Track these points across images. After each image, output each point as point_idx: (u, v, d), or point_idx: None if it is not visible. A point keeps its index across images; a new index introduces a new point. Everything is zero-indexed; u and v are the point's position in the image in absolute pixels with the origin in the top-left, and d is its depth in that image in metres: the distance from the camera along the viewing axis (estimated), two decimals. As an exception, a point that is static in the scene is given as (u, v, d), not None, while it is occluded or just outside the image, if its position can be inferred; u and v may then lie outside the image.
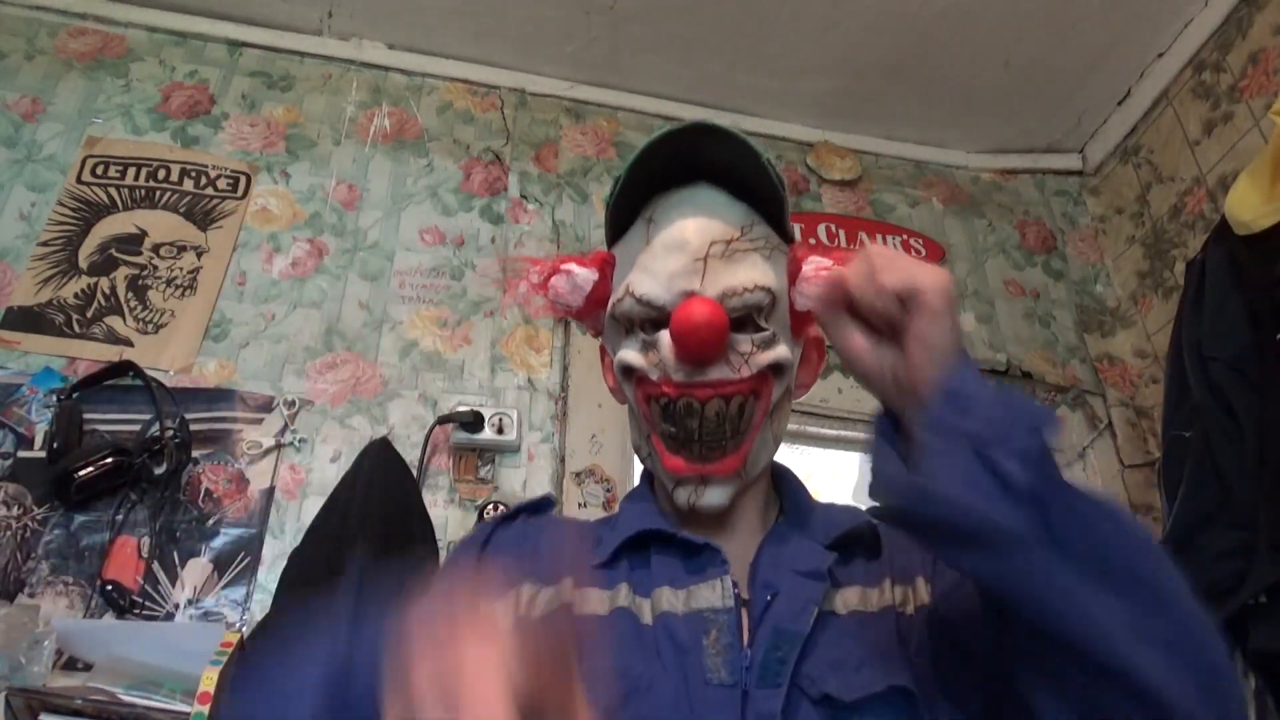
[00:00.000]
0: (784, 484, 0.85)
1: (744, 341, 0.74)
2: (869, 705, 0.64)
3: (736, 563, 0.75)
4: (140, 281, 1.77)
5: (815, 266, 0.78)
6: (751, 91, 2.33)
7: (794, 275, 0.79)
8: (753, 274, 0.75)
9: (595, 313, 0.84)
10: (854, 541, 0.77)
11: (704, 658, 0.66)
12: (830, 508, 0.83)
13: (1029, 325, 2.24)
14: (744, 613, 0.71)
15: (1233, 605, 1.45)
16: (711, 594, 0.70)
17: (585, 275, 0.82)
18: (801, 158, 2.37)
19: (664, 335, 0.74)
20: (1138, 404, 2.14)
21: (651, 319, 0.76)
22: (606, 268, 0.82)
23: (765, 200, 0.78)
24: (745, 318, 0.75)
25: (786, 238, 0.81)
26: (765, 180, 0.77)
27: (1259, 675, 1.48)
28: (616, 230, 0.82)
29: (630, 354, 0.77)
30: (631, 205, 0.80)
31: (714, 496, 0.75)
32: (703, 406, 0.73)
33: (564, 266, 0.82)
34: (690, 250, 0.75)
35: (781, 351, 0.76)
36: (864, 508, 0.83)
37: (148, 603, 1.45)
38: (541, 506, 0.86)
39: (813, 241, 2.20)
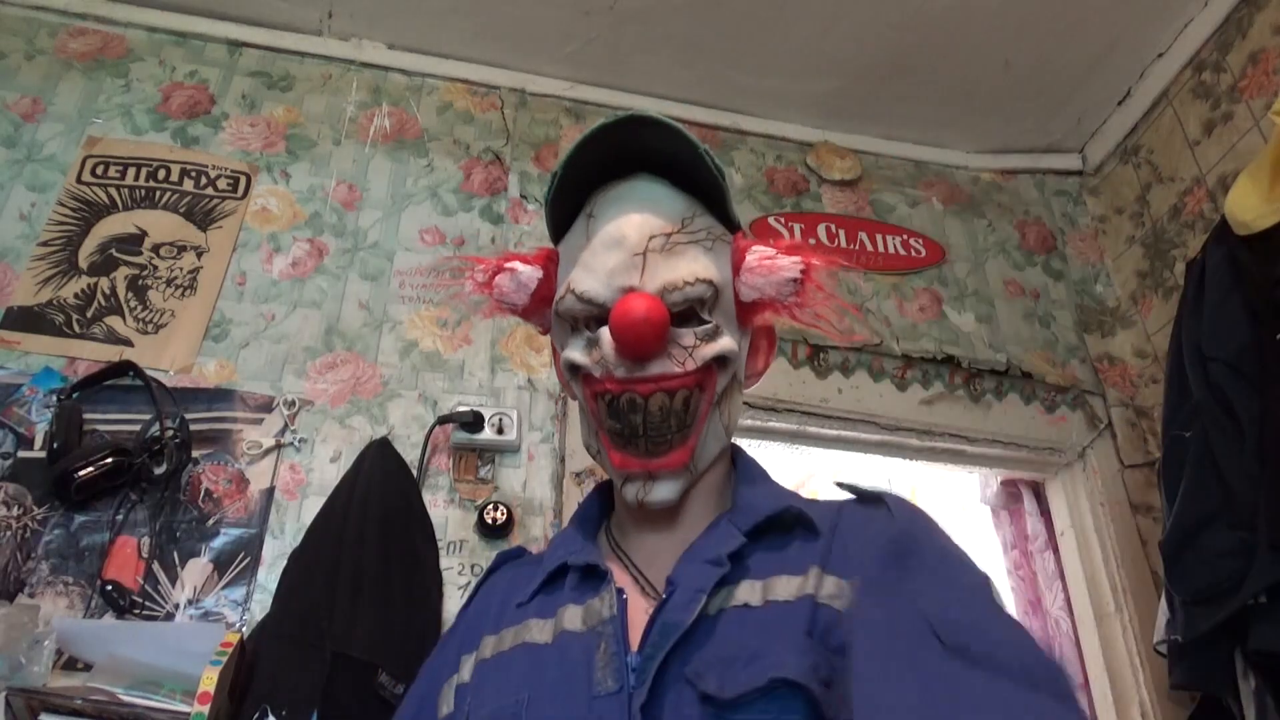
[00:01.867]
0: (738, 471, 0.83)
1: (686, 335, 0.73)
2: (748, 701, 0.61)
3: (671, 558, 0.73)
4: (140, 281, 1.77)
5: (759, 256, 0.78)
6: (751, 91, 2.33)
7: (738, 265, 0.78)
8: (693, 267, 0.74)
9: (541, 310, 0.84)
10: (780, 527, 0.74)
11: (594, 671, 0.66)
12: (764, 491, 0.79)
13: (1029, 325, 2.24)
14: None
15: (1233, 605, 1.45)
16: (601, 605, 0.71)
17: (529, 273, 0.82)
18: (801, 158, 2.37)
19: (605, 332, 0.73)
20: (1138, 404, 2.14)
21: (594, 316, 0.75)
22: (550, 265, 0.82)
23: (706, 190, 0.78)
24: (688, 311, 0.74)
25: (731, 226, 0.80)
26: (704, 170, 0.76)
27: (1259, 675, 1.48)
28: (559, 226, 0.82)
29: (575, 353, 0.77)
30: (573, 200, 0.79)
31: (662, 492, 0.74)
32: (646, 401, 0.72)
33: (507, 265, 0.83)
34: (629, 245, 0.74)
35: (725, 343, 0.75)
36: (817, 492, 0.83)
37: (148, 603, 1.45)
38: (509, 558, 0.88)
39: (813, 241, 2.20)
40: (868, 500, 0.78)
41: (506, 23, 2.16)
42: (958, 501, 2.50)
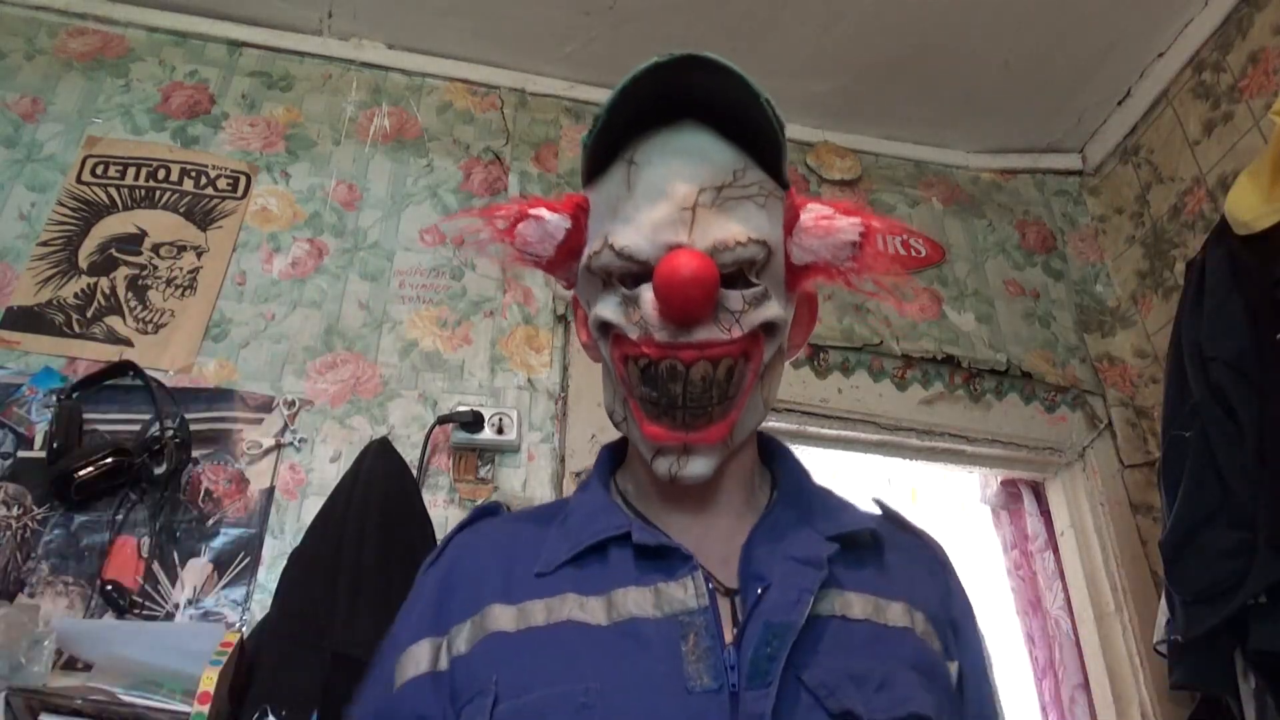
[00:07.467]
0: (780, 462, 0.79)
1: (734, 298, 0.67)
2: None
3: (720, 543, 0.70)
4: (140, 281, 1.77)
5: (815, 215, 0.72)
6: (751, 91, 2.32)
7: (790, 225, 0.72)
8: (746, 225, 0.68)
9: (568, 264, 0.76)
10: (858, 544, 0.71)
11: (684, 665, 0.60)
12: (831, 498, 0.77)
13: (1029, 325, 2.24)
14: (733, 603, 0.66)
15: (1233, 605, 1.45)
16: (684, 593, 0.64)
17: (557, 222, 0.73)
18: (801, 158, 2.37)
19: (646, 291, 0.67)
20: (1138, 404, 2.14)
21: (632, 273, 0.69)
22: (580, 213, 0.74)
23: (760, 142, 0.71)
24: (736, 273, 0.68)
25: (783, 184, 0.73)
26: (761, 119, 0.70)
27: (1259, 675, 1.48)
28: (593, 170, 0.74)
29: (608, 310, 0.70)
30: (611, 144, 0.72)
31: (697, 467, 0.69)
32: (687, 370, 0.66)
33: (532, 211, 0.74)
34: (677, 198, 0.67)
35: (774, 309, 0.69)
36: (864, 504, 0.79)
37: (148, 603, 1.45)
38: (488, 512, 0.81)
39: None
40: (894, 522, 0.79)
41: (506, 23, 2.16)
42: (958, 501, 2.49)
